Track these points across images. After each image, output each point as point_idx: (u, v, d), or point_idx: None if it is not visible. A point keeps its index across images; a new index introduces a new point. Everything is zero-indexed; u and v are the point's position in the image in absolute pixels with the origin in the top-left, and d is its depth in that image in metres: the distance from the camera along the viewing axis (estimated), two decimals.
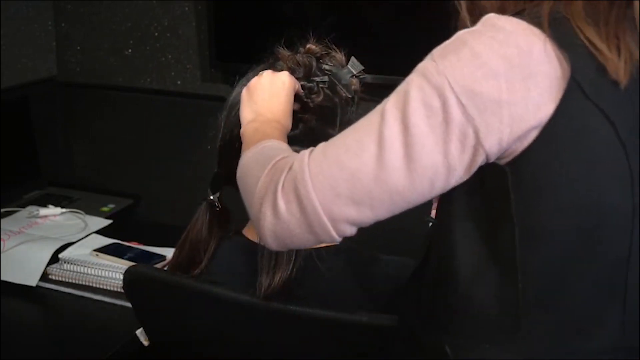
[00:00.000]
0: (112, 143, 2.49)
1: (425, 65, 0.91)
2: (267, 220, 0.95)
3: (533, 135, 0.89)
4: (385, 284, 1.25)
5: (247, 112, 1.18)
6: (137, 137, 2.44)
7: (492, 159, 0.90)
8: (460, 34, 0.92)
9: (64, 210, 2.20)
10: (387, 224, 0.98)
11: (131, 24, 2.32)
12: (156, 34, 2.30)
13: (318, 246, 1.24)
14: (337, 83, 1.25)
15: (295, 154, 0.99)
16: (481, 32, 0.91)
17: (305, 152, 0.96)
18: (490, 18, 0.92)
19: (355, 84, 1.28)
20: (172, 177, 2.40)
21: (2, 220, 2.10)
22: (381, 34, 2.07)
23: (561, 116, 0.88)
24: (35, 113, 2.40)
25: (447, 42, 0.92)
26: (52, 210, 2.19)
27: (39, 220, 2.15)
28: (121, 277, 1.31)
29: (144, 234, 2.07)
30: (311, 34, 1.30)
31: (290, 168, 0.95)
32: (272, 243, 0.97)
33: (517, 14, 0.93)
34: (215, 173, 1.27)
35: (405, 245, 1.00)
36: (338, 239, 0.95)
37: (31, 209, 2.21)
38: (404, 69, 0.95)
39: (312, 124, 1.21)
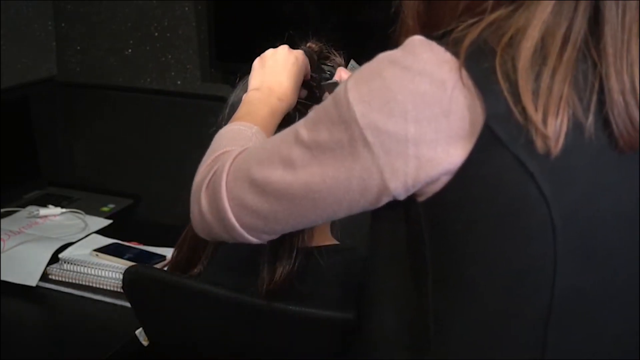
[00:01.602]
0: (112, 143, 2.49)
1: (340, 91, 0.88)
2: (194, 211, 1.01)
3: (444, 180, 0.84)
4: None
5: (255, 79, 1.20)
6: (137, 137, 2.44)
7: (402, 198, 0.87)
8: (381, 58, 0.88)
9: (64, 210, 2.20)
10: None
11: (131, 24, 2.32)
12: (156, 34, 2.30)
13: (318, 244, 1.25)
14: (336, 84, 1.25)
15: (238, 149, 1.02)
16: (397, 60, 0.85)
17: (232, 154, 0.99)
18: (412, 43, 0.86)
19: None
20: (172, 177, 2.40)
21: (2, 220, 2.10)
22: (381, 33, 2.07)
23: (474, 163, 0.83)
24: (35, 113, 2.40)
25: (366, 66, 0.89)
26: (52, 210, 2.19)
27: (39, 220, 2.15)
28: (121, 277, 1.31)
29: (144, 234, 2.07)
30: (311, 35, 1.30)
31: (217, 168, 1.00)
32: (197, 231, 1.04)
33: (442, 36, 0.86)
34: None
35: None
36: (257, 242, 1.00)
37: (31, 209, 2.21)
38: None
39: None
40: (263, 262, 1.21)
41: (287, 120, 1.16)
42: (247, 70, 1.31)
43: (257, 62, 1.23)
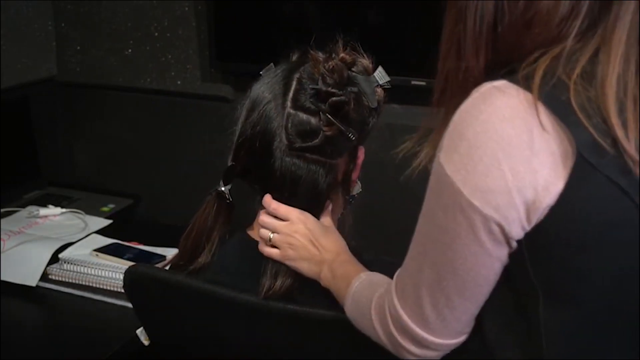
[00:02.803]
0: (112, 143, 2.49)
1: (436, 168, 0.89)
2: (412, 354, 1.00)
3: (546, 211, 0.86)
4: None
5: (310, 269, 1.21)
6: (137, 137, 2.44)
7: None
8: (457, 120, 0.88)
9: (64, 210, 2.20)
10: (387, 228, 0.98)
11: (131, 24, 2.32)
12: (156, 34, 2.30)
13: None
14: (362, 92, 1.24)
15: (378, 288, 1.04)
16: (474, 116, 0.86)
17: (392, 294, 0.99)
18: (482, 94, 0.86)
19: (379, 94, 1.26)
20: (172, 177, 2.40)
21: (2, 220, 2.10)
22: (381, 33, 2.07)
23: (570, 189, 0.84)
24: (35, 113, 2.40)
25: (448, 133, 0.89)
26: (52, 210, 2.19)
27: (39, 220, 2.15)
28: (121, 277, 1.31)
29: (144, 234, 2.07)
30: (340, 38, 1.25)
31: (391, 315, 1.00)
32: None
33: (510, 73, 0.87)
34: (229, 166, 1.26)
35: (406, 249, 1.00)
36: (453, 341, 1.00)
37: (31, 209, 2.21)
38: (404, 69, 0.95)
39: (331, 134, 1.20)
40: (265, 269, 1.22)
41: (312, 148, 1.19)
42: (254, 70, 1.29)
43: (289, 255, 1.22)
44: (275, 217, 1.23)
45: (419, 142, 1.02)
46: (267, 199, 1.24)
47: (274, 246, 1.23)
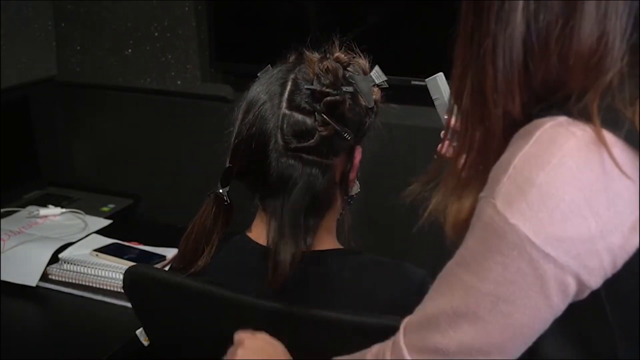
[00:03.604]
0: (112, 143, 2.49)
1: (491, 217, 0.81)
2: None
3: (633, 251, 0.80)
4: (385, 286, 1.24)
5: None
6: (137, 137, 2.44)
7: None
8: (520, 165, 0.80)
9: (64, 210, 2.20)
10: (387, 228, 0.97)
11: (131, 24, 2.32)
12: (156, 34, 2.30)
13: (321, 248, 1.25)
14: (358, 92, 1.23)
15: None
16: (544, 160, 0.79)
17: (401, 345, 0.92)
18: (545, 134, 0.80)
19: (376, 93, 1.26)
20: (172, 177, 2.40)
21: (2, 220, 2.10)
22: (381, 33, 2.07)
23: None
24: (35, 113, 2.40)
25: (508, 182, 0.81)
26: (52, 210, 2.19)
27: (39, 220, 2.15)
28: (121, 277, 1.31)
29: (144, 234, 2.07)
30: (336, 37, 1.25)
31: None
32: None
33: (556, 106, 0.81)
34: (227, 168, 1.26)
35: (406, 249, 1.00)
36: None
37: (31, 209, 2.21)
38: (404, 69, 0.95)
39: (327, 133, 1.20)
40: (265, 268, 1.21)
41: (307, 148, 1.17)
42: (255, 70, 1.29)
43: None
44: None
45: (427, 185, 0.97)
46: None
47: None
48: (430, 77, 1.30)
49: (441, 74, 1.28)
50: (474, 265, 0.84)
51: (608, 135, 0.78)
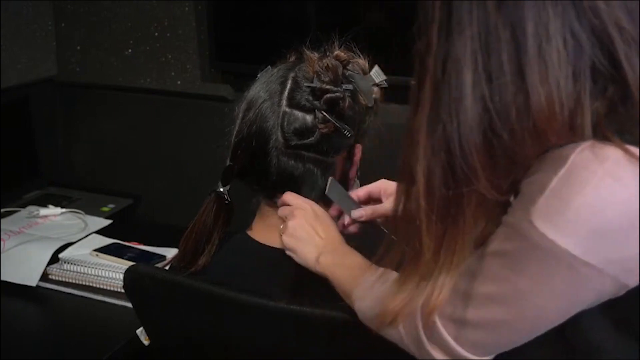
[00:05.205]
0: (112, 143, 2.49)
1: (528, 232, 0.82)
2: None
3: None
4: None
5: (308, 252, 1.19)
6: (137, 137, 2.44)
7: None
8: (556, 187, 0.81)
9: (64, 210, 2.20)
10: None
11: (131, 24, 2.32)
12: (156, 34, 2.30)
13: None
14: (358, 90, 1.24)
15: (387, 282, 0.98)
16: (581, 178, 0.80)
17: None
18: (581, 155, 0.80)
19: (376, 92, 1.26)
20: (172, 177, 2.40)
21: (2, 220, 2.10)
22: (381, 33, 2.07)
23: None
24: (35, 113, 2.40)
25: (541, 201, 0.81)
26: (52, 210, 2.19)
27: (39, 220, 2.15)
28: (121, 277, 1.31)
29: (144, 234, 2.07)
30: (336, 37, 1.26)
31: (424, 325, 0.94)
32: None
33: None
34: (227, 166, 1.26)
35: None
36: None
37: (31, 209, 2.21)
38: (404, 69, 0.95)
39: (327, 131, 1.20)
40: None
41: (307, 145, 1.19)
42: (255, 70, 1.30)
43: (289, 241, 1.21)
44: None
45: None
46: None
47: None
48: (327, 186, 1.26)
49: (331, 178, 1.24)
50: (510, 265, 0.86)
51: (635, 150, 0.80)
